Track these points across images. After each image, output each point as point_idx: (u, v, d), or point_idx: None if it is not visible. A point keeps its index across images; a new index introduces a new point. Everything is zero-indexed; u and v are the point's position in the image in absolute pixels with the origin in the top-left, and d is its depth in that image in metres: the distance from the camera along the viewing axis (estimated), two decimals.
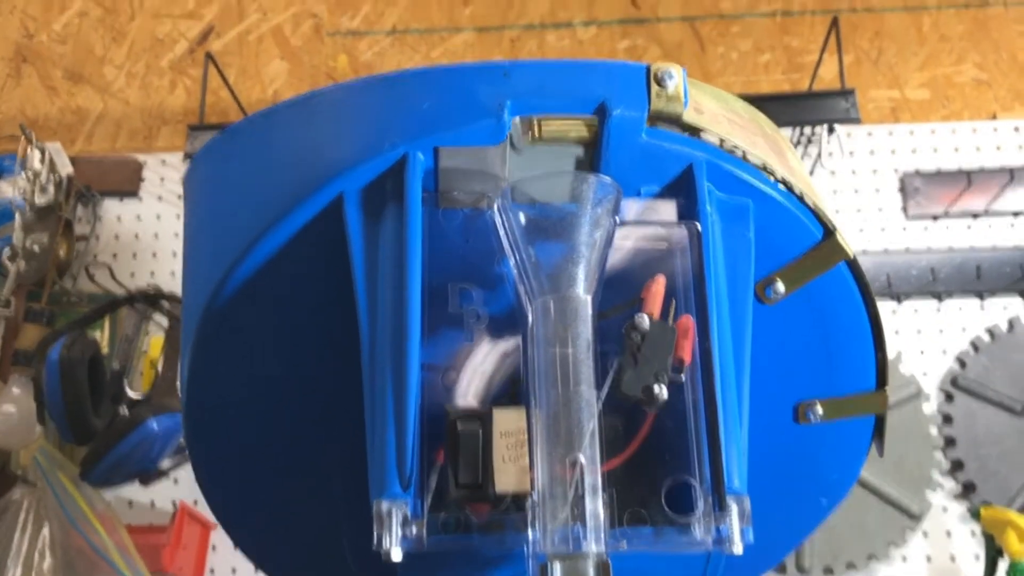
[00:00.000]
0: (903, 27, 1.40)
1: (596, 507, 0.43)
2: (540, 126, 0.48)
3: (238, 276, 0.50)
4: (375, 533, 0.43)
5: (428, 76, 0.50)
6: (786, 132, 1.23)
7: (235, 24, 1.41)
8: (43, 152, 1.23)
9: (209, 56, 1.11)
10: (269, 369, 0.52)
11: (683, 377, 0.46)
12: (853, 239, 1.28)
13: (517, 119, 0.48)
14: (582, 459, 0.43)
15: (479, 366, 0.48)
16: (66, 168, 1.27)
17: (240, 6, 1.42)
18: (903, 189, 1.30)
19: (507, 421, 0.45)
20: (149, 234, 1.31)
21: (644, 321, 0.46)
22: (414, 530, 0.44)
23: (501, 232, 0.49)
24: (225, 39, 1.41)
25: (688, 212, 0.50)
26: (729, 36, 1.37)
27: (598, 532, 0.43)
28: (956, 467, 1.19)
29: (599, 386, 0.45)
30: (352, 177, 0.48)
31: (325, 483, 0.54)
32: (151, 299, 1.21)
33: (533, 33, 1.34)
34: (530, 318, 0.47)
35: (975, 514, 1.14)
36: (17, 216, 1.22)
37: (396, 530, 0.44)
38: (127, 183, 1.32)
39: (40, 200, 1.23)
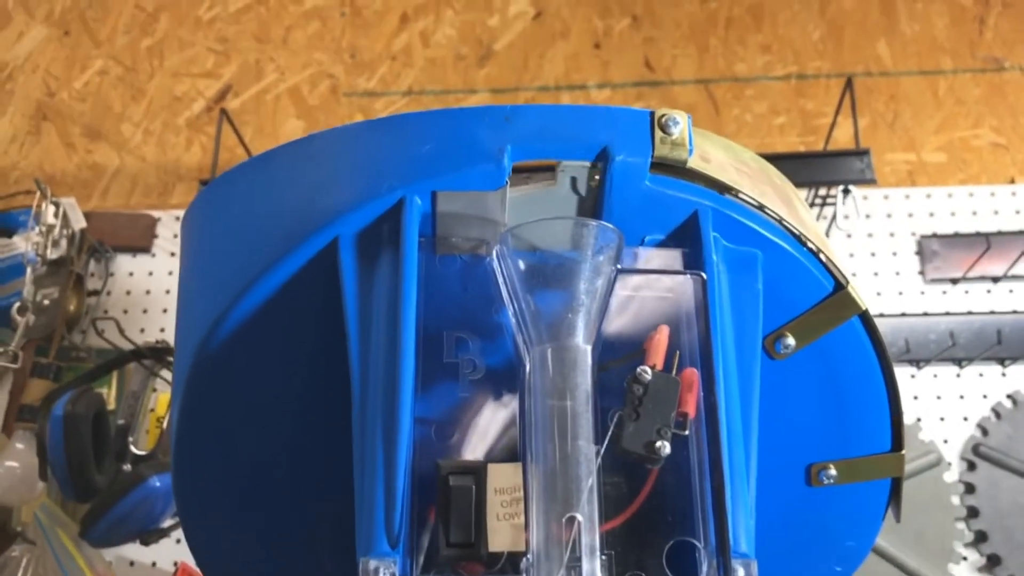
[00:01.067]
0: (919, 91, 1.39)
1: (593, 569, 0.41)
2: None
3: (231, 320, 0.49)
4: None
5: (428, 119, 0.49)
6: (801, 193, 1.22)
7: (253, 83, 1.43)
8: (57, 206, 1.23)
9: (224, 112, 1.12)
10: (260, 416, 0.51)
11: (687, 432, 0.44)
12: (871, 303, 1.26)
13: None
14: (579, 518, 0.41)
15: (485, 428, 0.46)
16: (79, 223, 1.27)
17: (258, 66, 1.44)
18: (921, 252, 1.27)
19: (502, 476, 0.43)
20: (161, 290, 1.30)
21: (646, 373, 0.44)
22: None
23: (500, 279, 0.48)
24: (243, 98, 1.42)
25: (693, 261, 0.49)
26: (744, 99, 1.37)
27: None
28: (980, 538, 1.15)
29: (599, 441, 0.44)
30: (348, 221, 0.47)
31: (315, 538, 0.53)
32: (159, 354, 1.20)
33: (548, 95, 1.35)
34: (527, 368, 0.46)
35: None
36: (28, 270, 1.22)
37: None
38: (140, 239, 1.32)
39: (52, 254, 1.23)
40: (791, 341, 0.51)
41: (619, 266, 0.47)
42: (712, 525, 0.43)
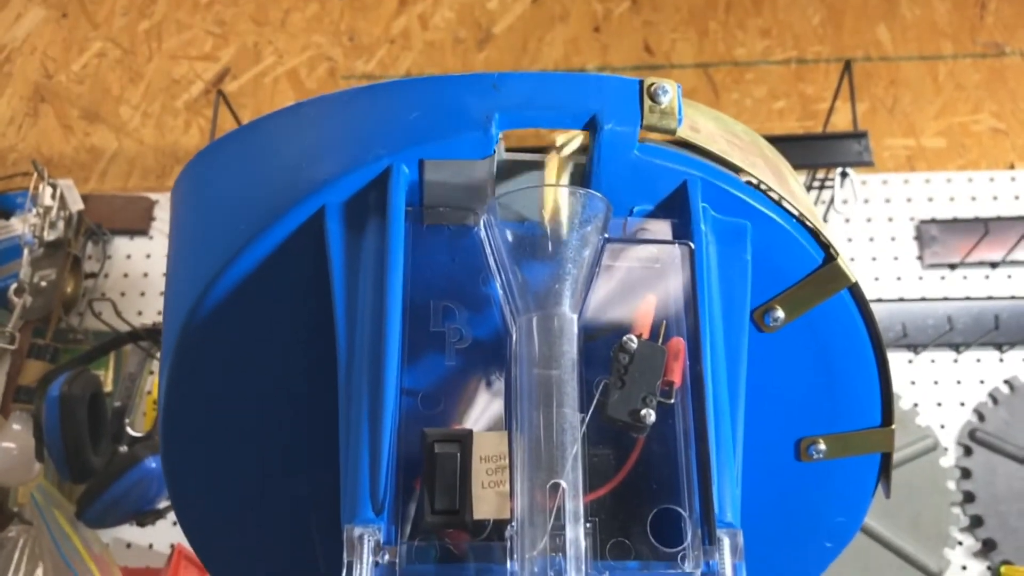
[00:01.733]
0: (918, 76, 1.39)
1: (577, 536, 0.41)
2: None
3: (217, 291, 0.49)
4: (345, 560, 0.41)
5: (415, 86, 0.49)
6: (799, 177, 1.22)
7: (251, 66, 1.42)
8: (54, 188, 1.23)
9: (220, 93, 1.12)
10: (247, 387, 0.51)
11: (673, 401, 0.44)
12: (869, 288, 1.25)
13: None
14: (563, 484, 0.41)
15: (471, 397, 0.46)
16: (77, 204, 1.27)
17: (256, 49, 1.43)
18: (919, 237, 1.27)
19: (487, 444, 0.43)
20: (158, 273, 1.30)
21: (632, 342, 0.44)
22: (387, 557, 0.42)
23: (487, 249, 0.48)
24: (241, 80, 1.42)
25: (682, 232, 0.48)
26: (743, 83, 1.36)
27: (579, 563, 0.40)
28: (975, 523, 1.15)
29: (584, 409, 0.44)
30: (335, 189, 0.47)
31: (306, 513, 0.53)
32: (155, 336, 1.19)
33: None
34: (514, 337, 0.46)
35: (996, 573, 1.10)
36: (25, 251, 1.22)
37: (368, 557, 0.41)
38: (138, 221, 1.32)
39: (49, 236, 1.23)
40: (780, 314, 0.51)
41: (607, 236, 0.47)
42: (697, 494, 0.43)
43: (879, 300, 1.24)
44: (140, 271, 1.30)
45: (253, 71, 1.42)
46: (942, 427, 1.19)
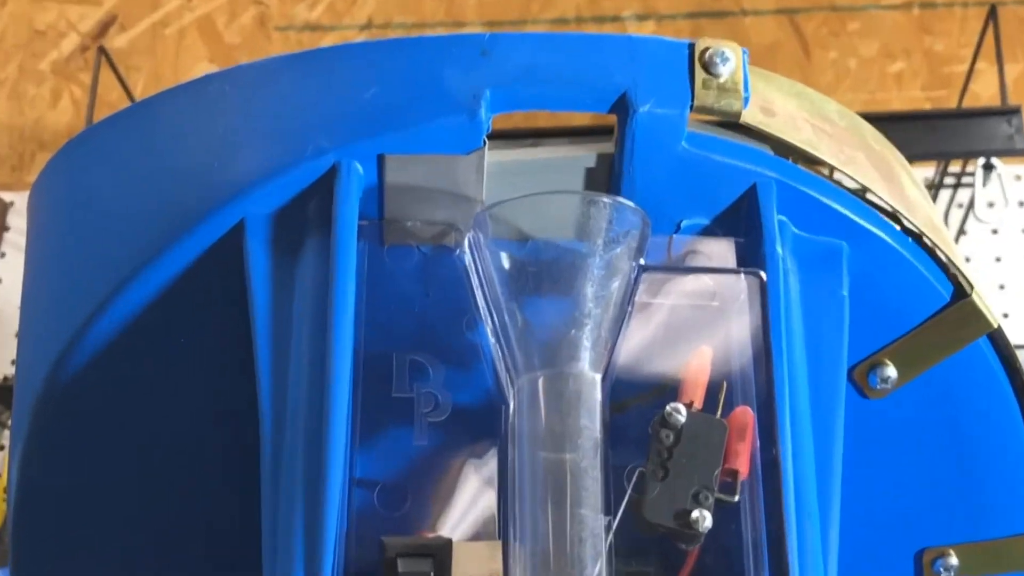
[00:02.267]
0: None
1: None
2: None
3: (95, 334, 0.49)
4: None
5: (374, 52, 0.50)
6: (924, 172, 1.22)
7: (146, 12, 1.44)
8: None
9: (103, 52, 1.13)
10: (127, 467, 0.52)
11: (737, 498, 0.45)
12: (1015, 324, 1.25)
13: None
14: None
15: (450, 491, 0.47)
16: None
17: None
18: None
19: (473, 560, 0.44)
20: (11, 305, 1.31)
21: (679, 413, 0.45)
22: None
23: (474, 280, 0.48)
24: (132, 33, 1.43)
25: (750, 256, 0.49)
26: (845, 36, 1.37)
27: None
28: None
29: (611, 510, 0.44)
30: (258, 196, 0.48)
31: None
32: (5, 395, 1.20)
33: (566, 28, 1.35)
34: (511, 405, 0.46)
35: None
36: None
37: None
38: None
39: None
40: (892, 372, 0.52)
41: (643, 262, 0.48)
42: None
43: None
44: None
45: (149, 19, 1.43)
46: None
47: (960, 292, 0.52)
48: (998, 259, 1.29)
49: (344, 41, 1.39)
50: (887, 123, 1.17)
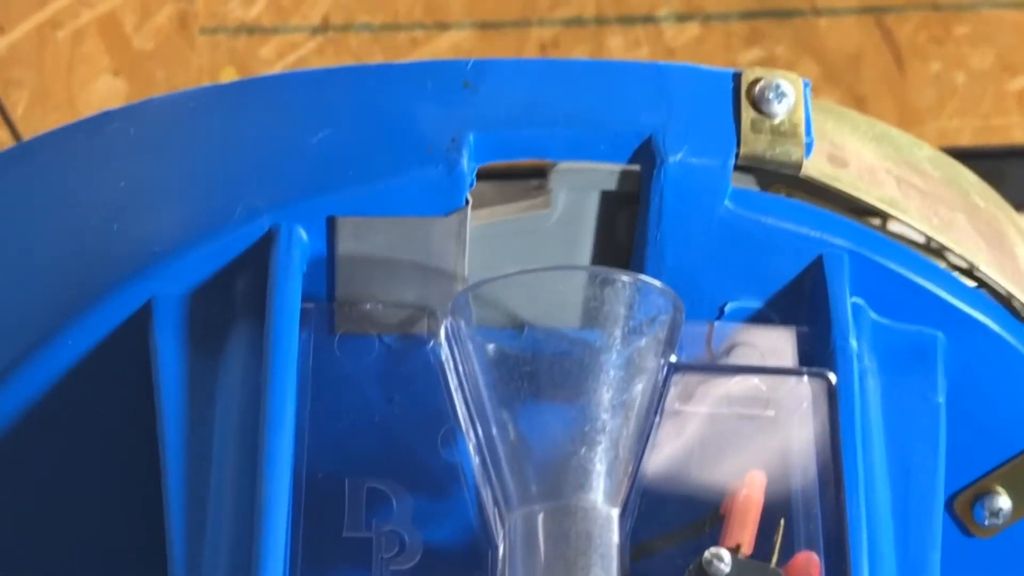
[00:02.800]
0: None
1: None
2: None
3: None
4: None
5: (324, 84, 0.52)
6: None
7: (32, 10, 1.43)
8: None
9: None
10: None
11: None
12: None
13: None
14: None
15: None
16: None
17: None
18: None
19: None
20: None
21: (723, 562, 0.46)
22: None
23: (452, 381, 0.50)
24: (11, 37, 1.42)
25: (815, 351, 0.51)
26: (951, 43, 1.38)
27: None
28: None
29: None
30: (169, 272, 0.50)
31: None
32: None
33: (584, 33, 1.36)
34: (501, 549, 0.48)
35: None
36: None
37: None
38: None
39: None
40: (1004, 502, 0.53)
41: (674, 359, 0.49)
42: None
43: None
44: None
45: (35, 19, 1.43)
46: None
47: None
48: None
49: (291, 47, 1.38)
50: (1006, 160, 1.18)
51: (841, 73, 1.32)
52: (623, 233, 0.54)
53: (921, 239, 0.54)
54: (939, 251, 0.54)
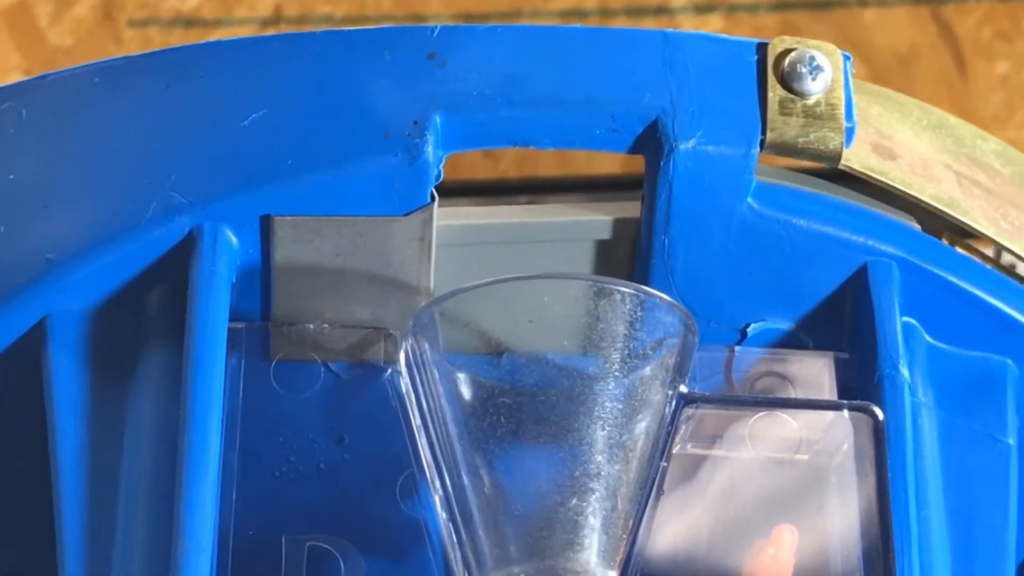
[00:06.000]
0: None
1: None
2: None
3: None
4: None
5: (258, 54, 0.50)
6: None
7: None
8: None
9: None
10: None
11: None
12: None
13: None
14: None
15: None
16: None
17: None
18: None
19: None
20: None
21: None
22: None
23: (414, 417, 0.48)
24: None
25: (859, 381, 0.49)
26: (1022, 39, 1.39)
27: None
28: None
29: None
30: (67, 283, 0.48)
31: None
32: None
33: (583, 24, 1.37)
34: None
35: None
36: None
37: None
38: None
39: None
40: None
41: (686, 389, 0.47)
42: None
43: None
44: None
45: None
46: None
47: None
48: None
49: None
50: None
51: (891, 75, 1.32)
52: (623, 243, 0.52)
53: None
54: (1010, 266, 0.52)
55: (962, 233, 0.52)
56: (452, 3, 1.39)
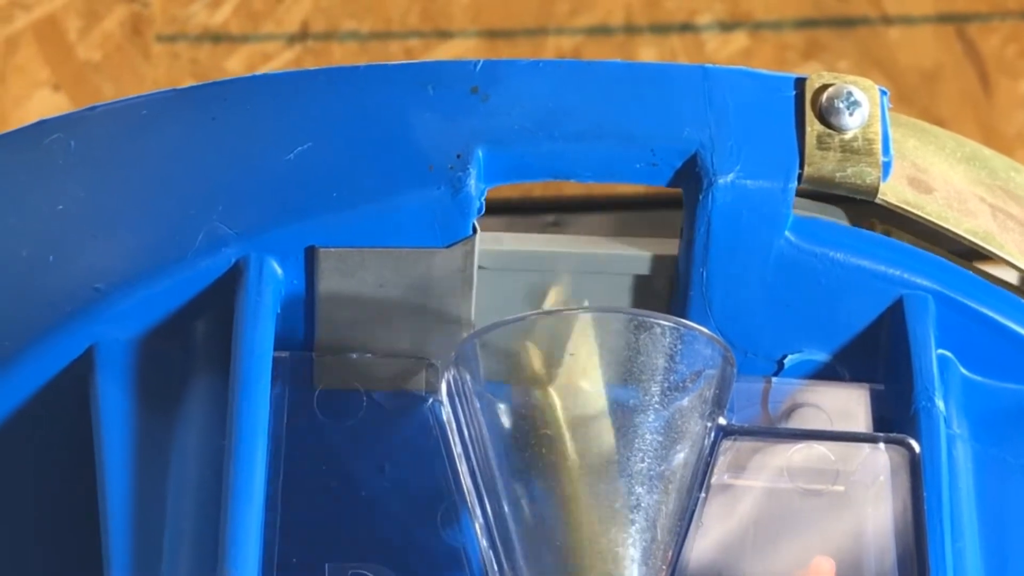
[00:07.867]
0: None
1: None
2: None
3: None
4: None
5: (304, 88, 0.51)
6: None
7: None
8: None
9: None
10: None
11: None
12: None
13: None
14: None
15: None
16: None
17: None
18: None
19: None
20: None
21: None
22: None
23: (455, 446, 0.48)
24: None
25: (895, 413, 0.49)
26: None
27: None
28: None
29: None
30: (114, 313, 0.48)
31: None
32: None
33: (610, 43, 1.35)
34: None
35: None
36: None
37: None
38: None
39: None
40: None
41: (724, 421, 0.48)
42: None
43: None
44: None
45: None
46: None
47: None
48: None
49: (263, 58, 1.39)
50: None
51: (915, 93, 1.31)
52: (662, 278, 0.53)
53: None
54: None
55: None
56: (477, 19, 1.37)
